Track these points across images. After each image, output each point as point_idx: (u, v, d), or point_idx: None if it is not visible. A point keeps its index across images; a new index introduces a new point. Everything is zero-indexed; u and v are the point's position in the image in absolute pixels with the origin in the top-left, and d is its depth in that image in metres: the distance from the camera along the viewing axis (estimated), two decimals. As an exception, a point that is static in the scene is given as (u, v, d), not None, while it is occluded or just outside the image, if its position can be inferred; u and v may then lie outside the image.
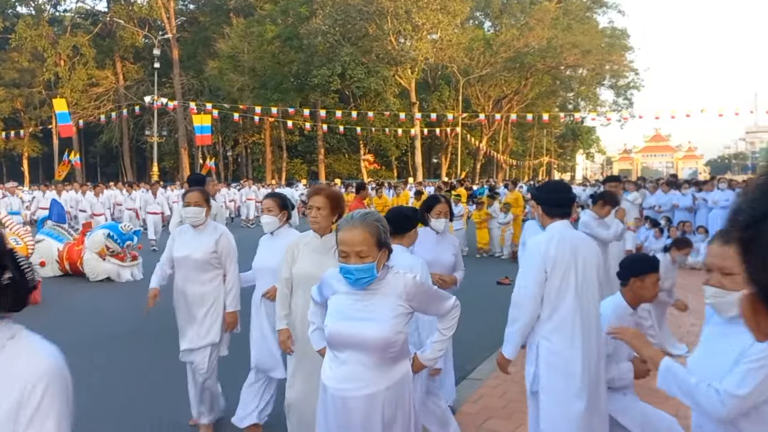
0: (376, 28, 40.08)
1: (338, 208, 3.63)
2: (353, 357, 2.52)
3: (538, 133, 62.50)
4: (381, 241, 2.52)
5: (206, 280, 4.40)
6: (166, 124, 46.46)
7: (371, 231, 2.50)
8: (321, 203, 3.58)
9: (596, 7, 53.49)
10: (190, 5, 55.91)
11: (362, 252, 2.46)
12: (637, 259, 3.38)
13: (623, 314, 3.21)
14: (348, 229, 2.51)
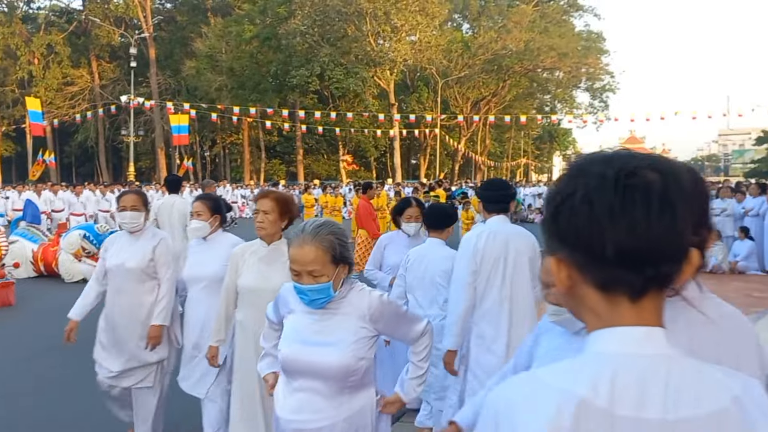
0: (355, 29, 40.15)
1: (287, 212, 3.34)
2: (308, 385, 2.24)
3: (516, 135, 63.01)
4: (337, 257, 2.23)
5: (142, 292, 3.95)
6: (142, 123, 46.05)
7: (324, 247, 2.19)
8: (268, 207, 3.28)
9: (573, 10, 54.11)
10: (167, 4, 55.48)
11: (315, 271, 2.18)
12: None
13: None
14: (298, 245, 2.19)
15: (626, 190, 0.86)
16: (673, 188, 0.87)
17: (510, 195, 3.78)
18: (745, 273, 11.39)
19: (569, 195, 0.90)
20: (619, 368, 0.84)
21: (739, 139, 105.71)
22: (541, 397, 0.84)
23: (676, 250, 0.87)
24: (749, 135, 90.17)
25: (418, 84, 51.92)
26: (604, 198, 0.87)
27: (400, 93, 49.76)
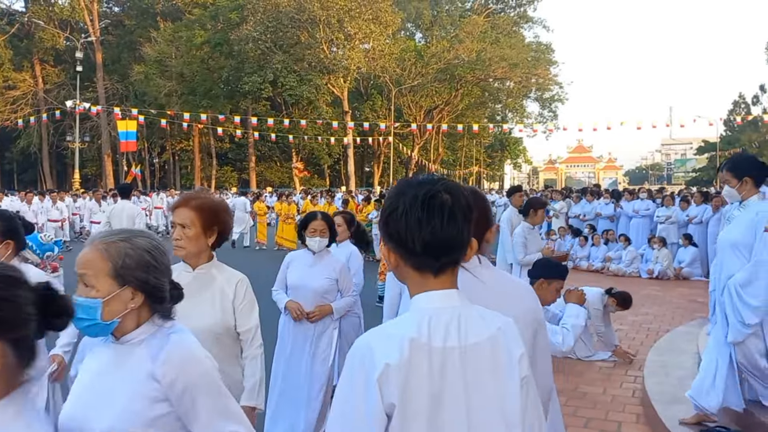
0: (309, 37, 40.01)
1: (214, 223, 2.56)
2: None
3: (468, 143, 63.72)
4: (121, 274, 1.63)
5: None
6: (88, 129, 44.75)
7: (108, 254, 1.63)
8: (186, 218, 2.49)
9: (523, 22, 55.23)
10: (114, 8, 54.22)
11: (85, 277, 1.63)
12: (550, 264, 3.50)
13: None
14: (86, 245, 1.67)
15: (429, 207, 1.35)
16: (458, 205, 1.37)
17: None
18: (689, 279, 11.71)
19: (394, 209, 1.38)
20: (432, 317, 1.34)
21: (681, 148, 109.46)
22: (389, 341, 1.31)
23: (460, 244, 1.40)
24: (690, 145, 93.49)
25: (372, 92, 52.04)
26: (415, 212, 1.35)
27: (354, 101, 49.78)
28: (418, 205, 1.36)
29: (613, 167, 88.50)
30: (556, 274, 3.41)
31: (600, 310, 6.32)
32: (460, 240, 1.39)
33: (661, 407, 4.34)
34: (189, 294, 1.96)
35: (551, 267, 3.46)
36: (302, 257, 4.08)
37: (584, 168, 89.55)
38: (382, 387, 1.28)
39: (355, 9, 39.01)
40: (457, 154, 65.34)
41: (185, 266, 2.59)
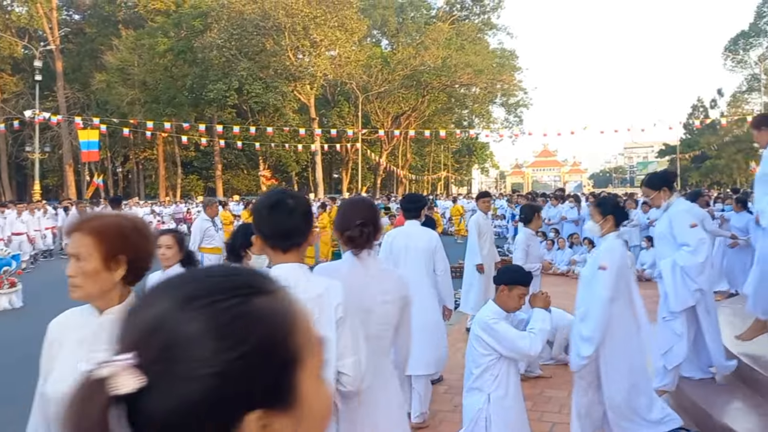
0: (274, 44, 39.81)
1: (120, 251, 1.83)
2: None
3: (436, 149, 64.12)
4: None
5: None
6: (49, 139, 43.75)
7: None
8: (82, 247, 1.81)
9: (487, 29, 55.89)
10: (75, 15, 53.21)
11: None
12: (512, 270, 3.51)
13: (499, 317, 3.33)
14: None
15: (274, 209, 2.17)
16: (298, 207, 2.19)
17: (420, 206, 5.19)
18: (651, 280, 11.91)
19: (257, 210, 2.23)
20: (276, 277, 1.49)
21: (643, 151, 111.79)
22: None
23: (298, 233, 2.19)
24: (652, 148, 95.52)
25: (339, 99, 52.01)
26: (266, 212, 2.19)
27: (321, 107, 49.68)
28: (268, 207, 2.20)
29: (578, 171, 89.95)
30: (517, 281, 3.41)
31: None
32: (298, 230, 2.21)
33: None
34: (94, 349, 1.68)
35: (512, 273, 3.46)
36: None
37: (550, 172, 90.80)
38: None
39: (321, 16, 38.96)
40: (425, 160, 65.67)
41: (91, 309, 1.89)
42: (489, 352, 3.31)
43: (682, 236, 4.28)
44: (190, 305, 0.62)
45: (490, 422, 3.26)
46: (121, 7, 48.91)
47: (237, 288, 0.65)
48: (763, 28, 53.65)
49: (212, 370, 0.59)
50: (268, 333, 0.64)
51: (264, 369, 0.62)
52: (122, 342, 0.62)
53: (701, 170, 57.69)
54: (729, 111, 55.73)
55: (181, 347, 0.60)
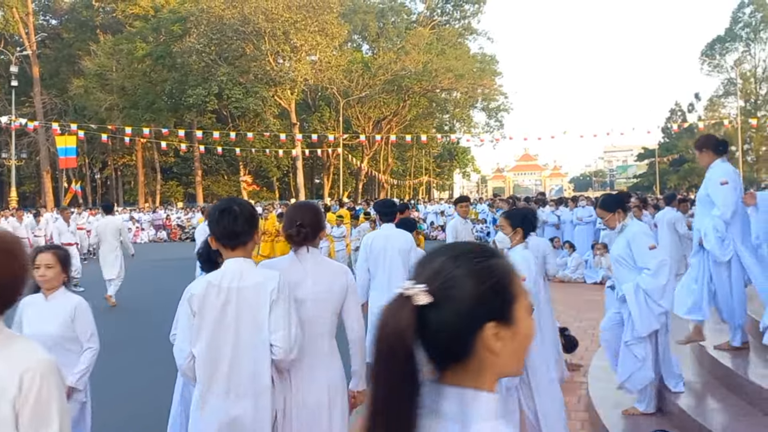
0: (254, 49, 39.64)
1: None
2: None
3: (417, 153, 64.22)
4: None
5: None
6: (25, 145, 43.17)
7: None
8: None
9: (467, 33, 56.17)
10: (52, 20, 52.59)
11: None
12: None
13: None
14: None
15: (222, 214, 2.64)
16: (243, 213, 2.65)
17: (395, 210, 5.75)
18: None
19: (210, 215, 2.72)
20: (226, 271, 2.63)
21: (623, 155, 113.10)
22: (199, 282, 2.68)
23: (242, 234, 2.66)
24: (631, 151, 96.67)
25: (320, 104, 51.92)
26: (216, 217, 2.66)
27: (302, 112, 49.55)
28: (218, 212, 2.67)
29: (559, 175, 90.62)
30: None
31: None
32: (242, 232, 2.65)
33: (603, 412, 4.37)
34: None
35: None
36: None
37: (531, 176, 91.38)
38: (191, 302, 2.60)
39: (301, 21, 38.88)
40: (407, 164, 65.74)
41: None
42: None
43: (642, 259, 4.24)
44: (457, 260, 1.06)
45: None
46: (99, 12, 48.44)
47: (483, 252, 1.09)
48: (738, 33, 54.61)
49: (469, 295, 1.03)
50: (501, 277, 1.06)
51: (498, 297, 1.05)
52: (418, 278, 1.05)
53: (679, 173, 58.41)
54: (706, 115, 56.60)
55: (453, 282, 1.04)
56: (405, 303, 1.03)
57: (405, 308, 1.02)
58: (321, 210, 3.18)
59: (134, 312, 10.43)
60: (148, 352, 7.23)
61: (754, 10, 53.57)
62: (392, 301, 1.05)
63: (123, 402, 5.61)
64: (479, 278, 1.05)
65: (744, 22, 54.33)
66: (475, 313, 1.03)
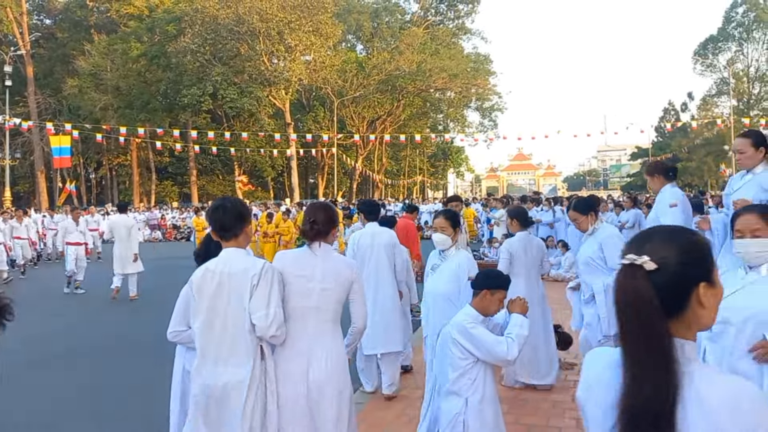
0: (248, 49, 39.63)
1: None
2: None
3: (411, 153, 64.32)
4: None
5: None
6: (20, 145, 43.04)
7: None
8: None
9: (461, 33, 56.24)
10: (46, 20, 52.42)
11: None
12: (493, 275, 3.56)
13: (476, 321, 3.37)
14: None
15: (216, 210, 3.11)
16: (234, 209, 3.11)
17: (377, 209, 6.24)
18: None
19: (207, 211, 3.31)
20: (220, 259, 3.07)
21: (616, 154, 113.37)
22: (199, 269, 3.09)
23: (232, 227, 3.08)
24: (625, 151, 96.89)
25: (314, 103, 51.93)
26: (210, 212, 3.15)
27: (296, 112, 49.56)
28: (214, 208, 3.11)
29: (553, 174, 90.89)
30: (498, 285, 3.47)
31: None
32: (231, 226, 3.06)
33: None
34: None
35: (494, 277, 3.52)
36: None
37: (525, 175, 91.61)
38: (192, 286, 3.04)
39: (295, 21, 38.90)
40: (401, 164, 65.83)
41: None
42: (466, 357, 3.34)
43: (613, 261, 4.37)
44: (672, 236, 1.37)
45: (467, 426, 3.30)
46: (93, 12, 48.32)
47: (687, 231, 1.42)
48: (731, 32, 54.88)
49: (685, 262, 1.33)
50: (705, 248, 1.38)
51: (705, 263, 1.36)
52: (639, 251, 1.33)
53: (672, 173, 58.67)
54: (699, 114, 56.87)
55: (671, 253, 1.33)
56: (636, 271, 1.31)
57: (638, 275, 1.31)
58: (335, 210, 3.48)
59: (134, 310, 10.48)
60: (147, 349, 7.30)
61: (747, 9, 53.87)
62: (620, 273, 1.35)
63: (125, 398, 5.70)
64: (691, 250, 1.35)
65: (737, 22, 54.62)
66: (691, 275, 1.33)
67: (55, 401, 5.81)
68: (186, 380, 3.50)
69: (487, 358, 3.33)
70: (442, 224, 4.48)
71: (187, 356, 3.54)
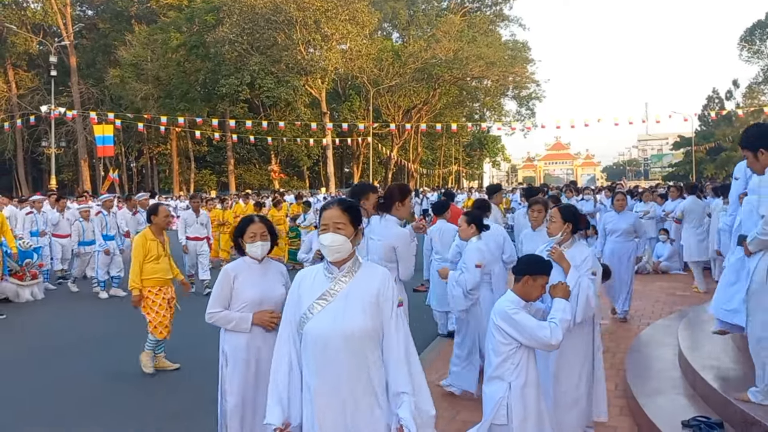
0: (285, 38, 39.87)
1: None
2: None
3: (447, 143, 64.01)
4: None
5: None
6: (64, 134, 44.19)
7: None
8: None
9: (499, 20, 55.56)
10: (88, 11, 53.57)
11: None
12: (535, 261, 3.53)
13: (518, 307, 3.36)
14: None
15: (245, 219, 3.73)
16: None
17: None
18: (668, 273, 11.87)
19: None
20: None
21: (658, 144, 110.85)
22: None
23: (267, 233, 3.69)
24: (666, 140, 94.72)
25: (350, 93, 52.02)
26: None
27: (332, 102, 49.72)
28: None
29: (591, 163, 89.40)
30: (540, 270, 3.45)
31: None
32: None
33: (643, 400, 4.41)
34: None
35: (535, 263, 3.50)
36: (247, 268, 3.67)
37: (563, 165, 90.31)
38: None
39: (332, 9, 38.97)
40: (436, 154, 65.59)
41: None
42: (509, 342, 3.34)
43: None
44: None
45: (511, 410, 3.30)
46: (134, 3, 49.18)
47: None
48: (779, 18, 53.04)
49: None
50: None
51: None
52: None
53: (716, 162, 57.13)
54: (745, 102, 55.20)
55: None
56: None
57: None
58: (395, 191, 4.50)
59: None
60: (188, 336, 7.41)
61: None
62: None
63: (171, 384, 5.85)
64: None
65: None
66: None
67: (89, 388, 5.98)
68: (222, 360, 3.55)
69: (530, 342, 3.32)
70: (337, 218, 2.57)
71: (225, 337, 3.58)
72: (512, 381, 3.33)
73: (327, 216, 2.62)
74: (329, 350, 2.48)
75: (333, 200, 2.67)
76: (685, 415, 3.97)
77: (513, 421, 3.28)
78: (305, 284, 2.64)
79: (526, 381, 3.35)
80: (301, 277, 2.68)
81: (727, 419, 3.80)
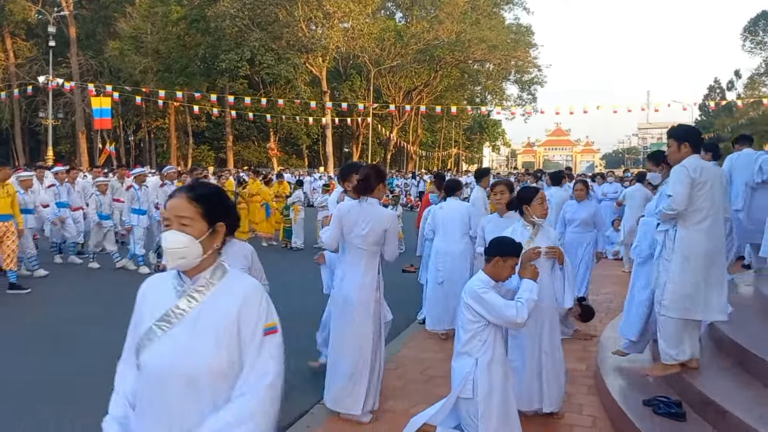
0: (287, 14, 39.60)
1: None
2: None
3: (447, 125, 63.86)
4: None
5: None
6: (62, 105, 43.99)
7: None
8: None
9: (503, 3, 55.10)
10: (88, -19, 53.00)
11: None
12: (505, 242, 3.65)
13: (487, 287, 3.49)
14: None
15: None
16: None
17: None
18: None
19: None
20: None
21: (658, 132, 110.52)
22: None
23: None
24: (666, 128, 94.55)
25: (351, 72, 51.77)
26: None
27: (333, 81, 49.52)
28: None
29: (591, 150, 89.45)
30: (510, 252, 3.57)
31: None
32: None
33: (609, 380, 4.55)
34: None
35: (506, 245, 3.61)
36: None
37: (562, 151, 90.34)
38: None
39: (334, -13, 38.67)
40: (436, 136, 65.48)
41: None
42: (477, 319, 3.48)
43: None
44: None
45: (476, 385, 3.44)
46: (135, -26, 48.69)
47: None
48: (784, 9, 52.69)
49: None
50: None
51: None
52: None
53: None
54: (746, 93, 55.03)
55: None
56: None
57: None
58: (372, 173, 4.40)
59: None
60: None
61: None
62: None
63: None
64: None
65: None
66: None
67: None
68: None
69: (497, 321, 3.45)
70: (183, 210, 1.88)
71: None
72: (479, 357, 3.47)
73: (170, 207, 1.89)
74: (166, 393, 1.78)
75: (182, 187, 1.96)
76: (647, 394, 4.11)
77: (478, 395, 3.43)
78: (150, 298, 1.93)
79: (492, 357, 3.49)
80: (147, 287, 1.98)
81: (685, 399, 3.93)
